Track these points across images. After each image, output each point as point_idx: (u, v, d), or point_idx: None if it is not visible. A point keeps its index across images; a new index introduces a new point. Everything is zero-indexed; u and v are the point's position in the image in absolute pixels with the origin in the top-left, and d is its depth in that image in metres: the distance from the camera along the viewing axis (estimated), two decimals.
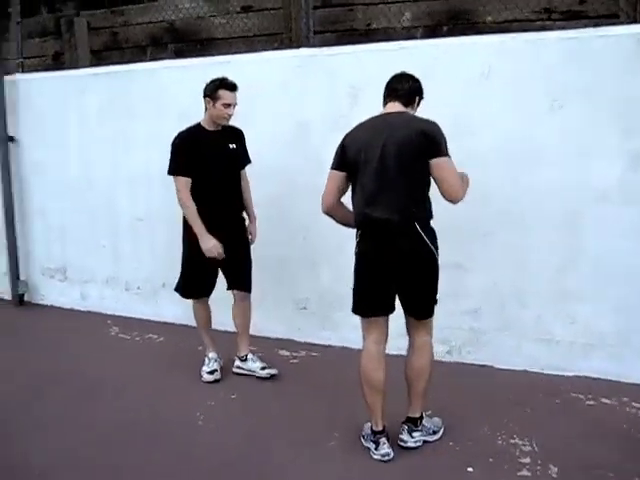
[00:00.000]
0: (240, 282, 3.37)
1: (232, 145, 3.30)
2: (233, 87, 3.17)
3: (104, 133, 4.45)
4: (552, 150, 3.20)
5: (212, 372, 3.36)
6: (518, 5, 3.49)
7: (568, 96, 3.13)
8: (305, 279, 3.93)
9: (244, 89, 3.31)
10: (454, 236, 3.40)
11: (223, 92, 3.14)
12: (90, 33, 4.90)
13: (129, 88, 4.33)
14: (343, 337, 3.71)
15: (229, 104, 3.16)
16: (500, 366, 3.43)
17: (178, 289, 3.40)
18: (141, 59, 4.69)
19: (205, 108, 3.23)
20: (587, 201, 3.19)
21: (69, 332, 4.30)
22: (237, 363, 3.48)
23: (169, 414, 2.99)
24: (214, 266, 3.29)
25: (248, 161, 3.43)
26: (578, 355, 3.29)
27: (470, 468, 2.46)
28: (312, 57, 3.73)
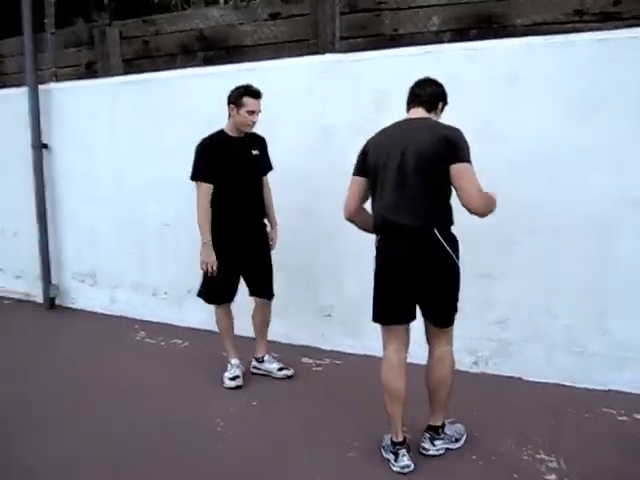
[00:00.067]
0: (262, 290, 3.40)
1: (255, 152, 3.31)
2: (257, 94, 3.19)
3: (133, 140, 4.53)
4: (583, 156, 3.10)
5: (234, 378, 3.35)
6: (548, 7, 3.39)
7: (600, 100, 3.03)
8: (329, 286, 3.90)
9: (269, 95, 3.32)
10: (481, 244, 3.34)
11: (247, 99, 3.16)
12: (122, 42, 4.98)
13: (157, 96, 4.40)
14: (367, 345, 3.65)
15: (253, 111, 3.18)
16: (528, 378, 3.33)
17: (201, 295, 3.42)
18: (171, 67, 4.74)
19: (229, 115, 3.25)
20: (621, 209, 3.07)
21: (96, 335, 4.37)
22: (254, 363, 3.53)
23: (188, 419, 2.99)
24: (236, 272, 3.30)
25: (270, 168, 3.44)
26: (610, 368, 3.16)
27: None
28: (337, 63, 3.72)
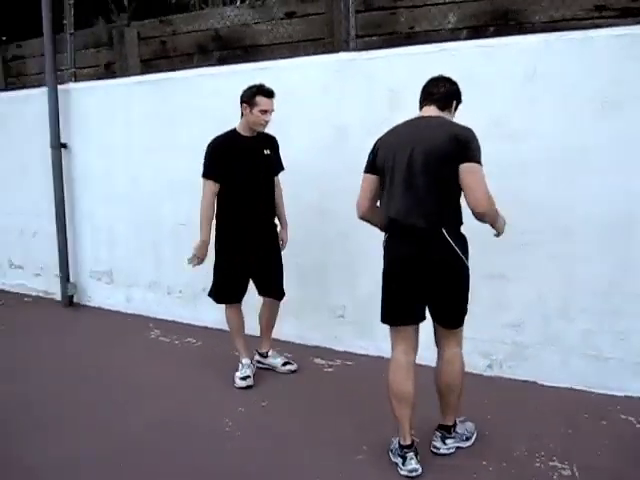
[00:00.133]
0: (271, 290, 3.40)
1: (267, 151, 3.31)
2: (270, 93, 3.18)
3: (149, 139, 4.56)
4: (601, 155, 3.02)
5: (245, 378, 3.34)
6: (566, 3, 3.31)
7: (619, 98, 2.94)
8: (343, 287, 3.86)
9: (283, 94, 3.31)
10: (495, 245, 3.23)
11: (260, 98, 3.15)
12: (140, 43, 5.02)
13: (173, 95, 4.41)
14: (380, 347, 3.59)
15: (266, 110, 3.17)
16: (544, 382, 3.26)
17: (211, 294, 3.42)
18: (188, 67, 4.76)
19: (241, 114, 3.25)
20: (639, 210, 2.98)
21: (111, 333, 4.40)
22: (258, 358, 3.56)
23: (197, 419, 2.99)
24: (247, 272, 3.31)
25: (281, 168, 3.44)
26: (629, 374, 3.07)
27: None
28: (351, 61, 3.68)
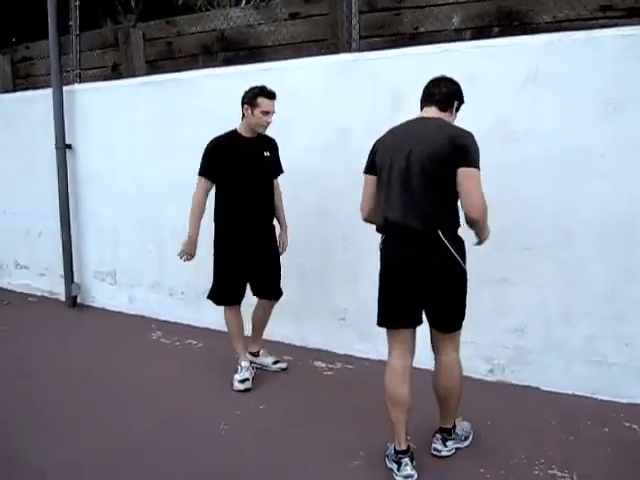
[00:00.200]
0: (267, 291, 3.40)
1: (266, 153, 3.32)
2: (272, 95, 3.18)
3: (153, 140, 4.56)
4: (604, 157, 2.97)
5: (243, 381, 3.32)
6: (571, 3, 3.26)
7: (622, 98, 2.89)
8: (344, 289, 3.83)
9: (285, 95, 3.31)
10: (498, 249, 3.22)
11: (262, 100, 3.15)
12: (146, 44, 5.03)
13: (177, 96, 4.41)
14: (380, 350, 3.49)
15: (268, 112, 3.18)
16: (546, 388, 3.21)
17: (211, 296, 3.41)
18: (193, 68, 4.77)
19: (243, 115, 3.26)
20: None
21: (113, 334, 4.40)
22: (249, 357, 3.53)
23: (194, 421, 2.97)
24: (245, 273, 3.31)
25: (281, 171, 3.45)
26: (633, 380, 3.02)
27: None
28: (353, 62, 3.66)
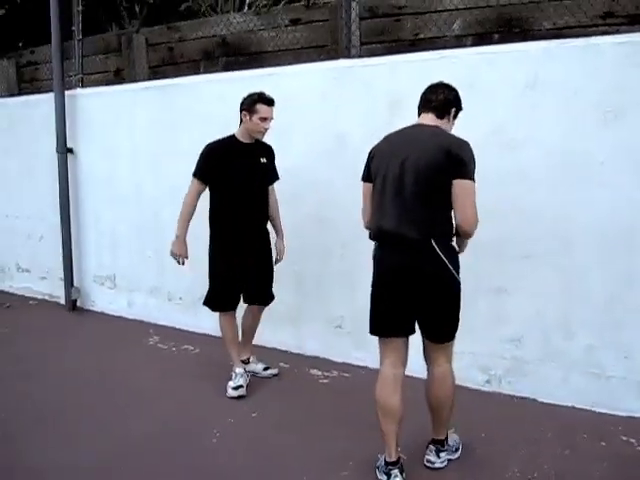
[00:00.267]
0: (258, 297, 3.40)
1: (263, 159, 3.32)
2: (270, 102, 3.19)
3: (153, 145, 4.56)
4: (603, 164, 2.93)
5: (237, 388, 3.29)
6: (573, 10, 3.22)
7: (621, 105, 2.85)
8: (341, 297, 3.80)
9: (283, 101, 3.30)
10: (496, 257, 3.21)
11: (260, 106, 3.16)
12: (148, 49, 5.04)
13: (177, 101, 4.42)
14: (377, 359, 3.50)
15: (266, 118, 3.19)
16: (543, 399, 3.16)
17: (207, 302, 3.40)
18: (195, 73, 4.77)
19: (241, 121, 3.26)
20: None
21: (111, 339, 4.39)
22: None
23: (185, 429, 2.95)
24: (242, 277, 3.30)
25: (276, 177, 3.44)
26: (632, 393, 2.96)
27: None
28: (350, 68, 3.64)
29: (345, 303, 3.77)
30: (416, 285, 2.31)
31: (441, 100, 2.45)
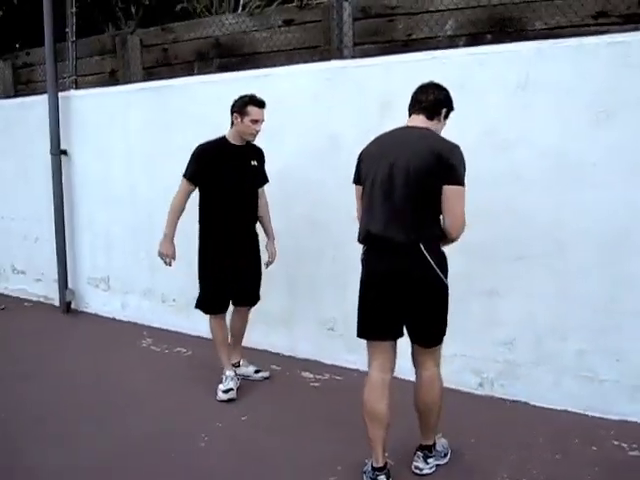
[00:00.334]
0: (245, 299, 3.41)
1: (253, 162, 3.32)
2: (262, 104, 3.18)
3: (147, 146, 4.55)
4: (596, 165, 2.90)
5: (227, 391, 3.27)
6: (565, 10, 3.19)
7: (615, 107, 2.82)
8: (333, 299, 3.77)
9: (275, 102, 3.29)
10: (487, 260, 3.18)
11: (252, 108, 3.15)
12: (143, 50, 5.03)
13: (171, 102, 4.40)
14: None
15: (257, 120, 3.18)
16: (535, 403, 3.13)
17: (199, 305, 3.39)
18: (189, 74, 4.76)
19: (232, 123, 3.25)
20: (637, 223, 2.84)
21: (105, 341, 4.38)
22: None
23: (174, 432, 2.93)
24: (234, 278, 3.29)
25: (266, 180, 3.45)
26: (625, 397, 2.93)
27: None
28: (342, 69, 3.62)
29: (337, 305, 3.74)
30: (404, 289, 2.29)
31: (431, 100, 2.43)
